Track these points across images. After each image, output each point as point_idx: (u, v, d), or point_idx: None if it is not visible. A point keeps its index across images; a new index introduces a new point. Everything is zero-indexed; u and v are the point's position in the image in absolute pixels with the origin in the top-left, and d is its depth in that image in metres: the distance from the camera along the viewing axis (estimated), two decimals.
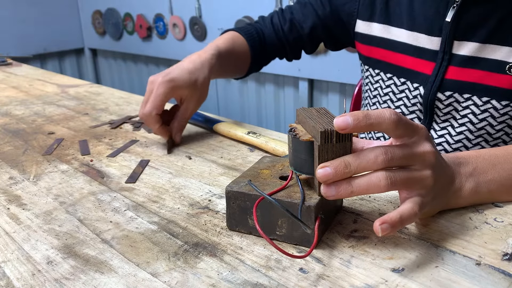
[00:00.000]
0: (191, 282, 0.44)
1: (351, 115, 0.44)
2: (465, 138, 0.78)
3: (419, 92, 0.80)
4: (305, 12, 0.94)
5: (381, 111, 0.45)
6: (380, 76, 0.88)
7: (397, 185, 0.45)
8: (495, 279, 0.43)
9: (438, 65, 0.77)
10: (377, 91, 0.89)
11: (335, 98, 2.23)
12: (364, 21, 0.88)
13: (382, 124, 0.44)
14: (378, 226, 0.43)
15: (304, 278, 0.44)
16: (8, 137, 0.89)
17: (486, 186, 0.54)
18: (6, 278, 0.46)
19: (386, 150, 0.45)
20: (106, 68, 3.51)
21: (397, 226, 0.44)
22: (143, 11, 2.89)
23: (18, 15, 3.03)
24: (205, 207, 0.59)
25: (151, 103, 0.76)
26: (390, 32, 0.84)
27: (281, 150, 0.73)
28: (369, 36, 0.87)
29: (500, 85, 0.72)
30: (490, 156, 0.55)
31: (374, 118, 0.44)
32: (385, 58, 0.86)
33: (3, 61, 1.69)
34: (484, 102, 0.74)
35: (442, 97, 0.77)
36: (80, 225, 0.56)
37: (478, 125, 0.76)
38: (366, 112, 0.44)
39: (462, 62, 0.75)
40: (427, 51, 0.78)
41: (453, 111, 0.78)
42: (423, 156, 0.47)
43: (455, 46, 0.75)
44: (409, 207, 0.45)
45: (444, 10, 0.75)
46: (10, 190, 0.66)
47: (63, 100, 1.17)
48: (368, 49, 0.89)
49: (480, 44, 0.73)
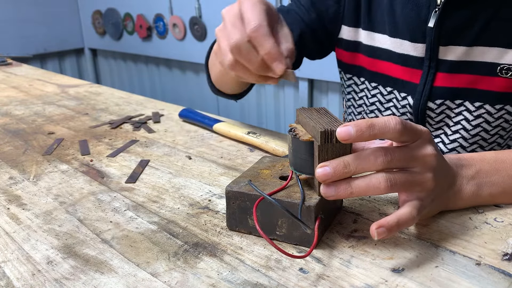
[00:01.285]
0: (191, 282, 0.44)
1: (354, 126, 0.43)
2: (459, 145, 0.75)
3: (408, 102, 0.77)
4: (289, 20, 0.83)
5: (386, 120, 0.44)
6: (365, 85, 0.84)
7: (397, 187, 0.45)
8: (495, 279, 0.43)
9: (425, 73, 0.73)
10: (363, 100, 0.86)
11: (335, 98, 2.23)
12: (350, 27, 0.83)
13: (387, 134, 0.44)
14: (374, 230, 0.43)
15: (304, 278, 0.44)
16: (8, 137, 0.89)
17: (487, 190, 0.53)
18: (6, 278, 0.46)
19: (386, 152, 0.45)
20: (106, 68, 3.51)
21: (394, 230, 0.44)
22: (143, 11, 2.90)
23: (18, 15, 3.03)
24: (205, 207, 0.59)
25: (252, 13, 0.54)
26: (373, 39, 0.80)
27: (281, 150, 0.73)
28: (355, 42, 0.83)
29: (492, 89, 0.70)
30: (495, 160, 0.55)
31: (378, 129, 0.43)
32: (369, 67, 0.82)
33: (3, 61, 1.69)
34: (477, 107, 0.72)
35: (433, 106, 0.74)
36: (80, 225, 0.56)
37: (472, 131, 0.73)
38: (370, 122, 0.43)
39: (450, 68, 0.71)
40: (412, 58, 0.75)
41: (445, 118, 0.75)
42: (424, 158, 0.46)
43: (441, 51, 0.71)
44: (407, 211, 0.45)
45: (426, 15, 0.71)
46: (10, 190, 0.66)
47: (63, 100, 1.17)
48: (352, 56, 0.85)
49: (467, 47, 0.69)
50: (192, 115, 0.93)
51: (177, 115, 0.98)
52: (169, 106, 1.07)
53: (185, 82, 2.92)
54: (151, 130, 0.90)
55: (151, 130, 0.90)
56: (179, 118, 0.97)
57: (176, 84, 2.99)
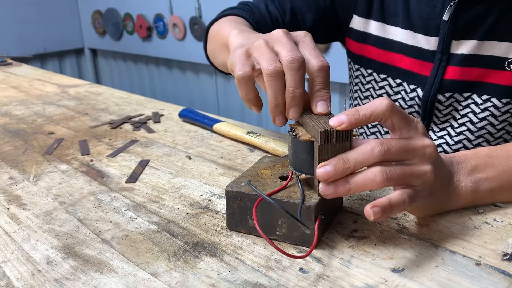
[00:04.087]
0: (191, 282, 0.44)
1: (344, 113, 0.45)
2: (465, 138, 0.76)
3: (417, 94, 0.78)
4: (305, 2, 0.86)
5: (371, 101, 0.46)
6: (372, 77, 0.85)
7: (394, 180, 0.44)
8: (495, 279, 0.43)
9: (436, 66, 0.75)
10: (369, 91, 0.87)
11: (335, 98, 2.22)
12: (361, 18, 0.84)
13: (375, 111, 0.45)
14: (369, 209, 0.43)
15: (304, 278, 0.44)
16: (8, 137, 0.89)
17: (486, 185, 0.53)
18: (6, 278, 0.46)
19: (382, 142, 0.45)
20: (106, 68, 3.51)
21: (387, 211, 0.44)
22: (143, 11, 2.89)
23: (18, 15, 3.03)
24: (205, 207, 0.59)
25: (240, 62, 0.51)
26: (386, 31, 0.81)
27: (281, 150, 0.73)
28: (364, 33, 0.84)
29: (499, 82, 0.71)
30: (489, 155, 0.55)
31: (365, 109, 0.45)
32: (379, 58, 0.83)
33: (3, 61, 1.69)
34: (484, 100, 0.73)
35: (442, 98, 0.76)
36: (80, 225, 0.56)
37: (478, 124, 0.75)
38: (358, 107, 0.45)
39: (461, 61, 0.73)
40: (424, 51, 0.76)
41: (453, 111, 0.76)
42: (423, 149, 0.46)
43: (453, 45, 0.73)
44: (398, 194, 0.45)
45: (441, 9, 0.72)
46: (10, 190, 0.66)
47: (63, 100, 1.17)
48: (361, 47, 0.86)
49: (478, 41, 0.71)
50: (192, 115, 0.93)
51: (177, 115, 0.98)
52: (169, 106, 1.07)
53: (185, 82, 2.92)
54: (151, 130, 0.90)
55: (151, 130, 0.90)
56: (179, 118, 0.97)
57: (176, 84, 2.99)
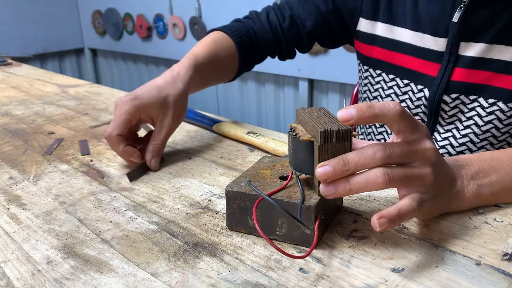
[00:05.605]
0: (191, 282, 0.44)
1: (355, 107, 0.44)
2: (470, 141, 0.76)
3: (424, 94, 0.78)
4: (306, 8, 0.89)
5: (385, 102, 0.45)
6: (381, 77, 0.86)
7: (396, 181, 0.44)
8: (495, 279, 0.43)
9: (444, 67, 0.75)
10: (378, 92, 0.88)
11: (335, 98, 2.23)
12: (368, 20, 0.85)
13: (387, 115, 0.44)
14: (376, 220, 0.43)
15: (304, 278, 0.44)
16: (8, 137, 0.89)
17: (488, 189, 0.53)
18: (6, 278, 0.46)
19: (385, 147, 0.45)
20: (106, 68, 3.51)
21: (395, 221, 0.43)
22: (143, 11, 2.90)
23: (18, 15, 3.03)
24: (205, 207, 0.59)
25: (112, 122, 0.69)
26: (393, 32, 0.81)
27: (281, 150, 0.73)
28: (372, 35, 0.85)
29: (506, 86, 0.71)
30: (492, 159, 0.55)
31: (378, 109, 0.44)
32: (387, 59, 0.84)
33: (3, 61, 1.69)
34: (490, 104, 0.73)
35: (448, 99, 0.76)
36: (80, 225, 0.56)
37: (483, 127, 0.74)
38: (370, 103, 0.44)
39: (469, 64, 0.73)
40: (432, 52, 0.76)
41: (459, 113, 0.76)
42: (423, 153, 0.46)
43: (462, 47, 0.73)
44: (408, 203, 0.45)
45: (451, 11, 0.72)
46: (10, 190, 0.66)
47: (63, 100, 1.17)
48: (369, 48, 0.87)
49: (487, 45, 0.71)
50: (192, 115, 0.93)
51: None
52: None
53: None
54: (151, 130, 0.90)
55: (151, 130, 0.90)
56: None
57: None
